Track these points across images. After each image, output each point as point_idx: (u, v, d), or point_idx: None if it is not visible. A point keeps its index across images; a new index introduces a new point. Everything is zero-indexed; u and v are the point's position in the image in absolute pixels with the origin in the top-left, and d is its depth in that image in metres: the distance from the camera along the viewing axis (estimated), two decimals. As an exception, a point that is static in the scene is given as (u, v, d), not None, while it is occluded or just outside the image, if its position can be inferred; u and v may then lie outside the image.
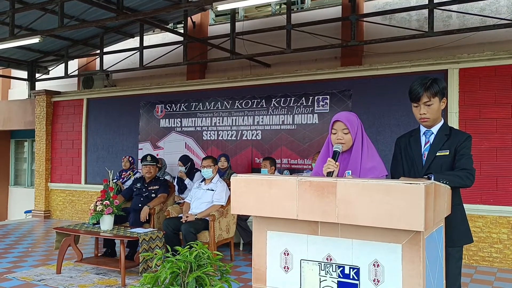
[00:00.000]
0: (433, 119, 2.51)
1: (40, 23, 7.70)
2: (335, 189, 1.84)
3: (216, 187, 5.54)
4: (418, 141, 2.60)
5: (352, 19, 6.59)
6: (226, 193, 5.53)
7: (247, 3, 5.34)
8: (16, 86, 12.18)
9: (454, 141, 2.48)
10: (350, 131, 2.40)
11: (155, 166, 6.11)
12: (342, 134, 2.42)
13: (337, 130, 2.43)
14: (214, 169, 5.61)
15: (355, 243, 1.88)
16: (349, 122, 2.43)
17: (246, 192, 2.05)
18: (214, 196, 5.49)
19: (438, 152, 2.50)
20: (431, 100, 2.45)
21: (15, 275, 4.91)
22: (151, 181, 6.04)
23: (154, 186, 6.00)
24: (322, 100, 6.82)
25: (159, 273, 2.18)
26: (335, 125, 2.45)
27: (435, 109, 2.47)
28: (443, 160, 2.48)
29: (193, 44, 8.46)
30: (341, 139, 2.41)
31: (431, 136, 2.56)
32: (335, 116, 2.50)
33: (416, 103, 2.50)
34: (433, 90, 2.44)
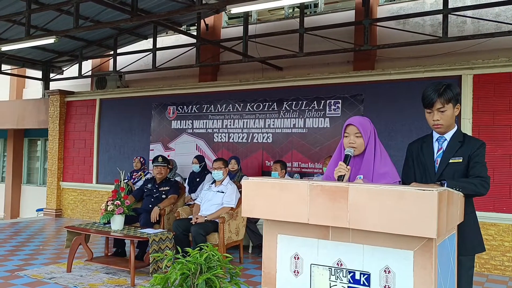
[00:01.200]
0: (447, 126, 2.48)
1: (55, 23, 7.79)
2: (347, 194, 1.83)
3: (226, 189, 5.55)
4: (430, 147, 2.57)
5: (366, 23, 6.57)
6: (236, 195, 5.53)
7: (260, 6, 5.35)
8: (30, 86, 12.33)
9: (468, 148, 2.44)
10: (362, 135, 2.39)
11: (166, 167, 6.11)
12: (354, 138, 2.41)
13: (350, 133, 2.43)
14: (224, 171, 5.62)
15: (366, 248, 1.87)
16: (361, 126, 2.42)
17: (258, 195, 2.06)
18: (224, 198, 5.50)
19: (451, 159, 2.46)
20: (444, 107, 2.41)
21: (26, 272, 4.96)
22: (162, 182, 6.04)
23: (165, 187, 6.00)
24: (334, 104, 6.81)
25: (169, 274, 2.19)
26: (347, 128, 2.44)
27: (448, 115, 2.44)
28: (456, 167, 2.44)
29: (206, 46, 8.50)
30: (353, 143, 2.39)
31: (444, 142, 2.52)
32: (348, 120, 2.49)
33: (429, 109, 2.46)
34: (447, 96, 2.40)
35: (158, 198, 5.92)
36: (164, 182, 6.07)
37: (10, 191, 12.03)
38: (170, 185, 6.08)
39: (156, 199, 5.92)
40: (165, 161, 6.11)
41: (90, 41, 9.28)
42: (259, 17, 9.16)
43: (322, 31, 7.22)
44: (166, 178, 6.13)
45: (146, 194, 6.05)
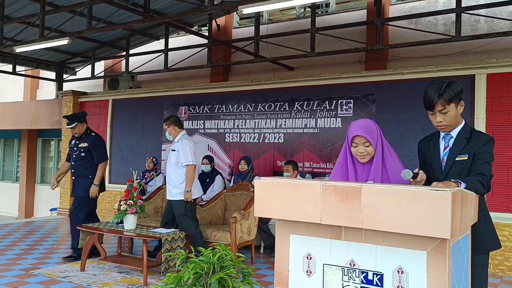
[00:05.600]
0: (451, 125, 2.42)
1: (69, 25, 7.88)
2: (360, 194, 1.83)
3: (179, 147, 5.32)
4: (437, 145, 2.52)
5: (378, 23, 6.54)
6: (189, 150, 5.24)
7: (272, 6, 5.35)
8: (44, 87, 12.48)
9: (474, 145, 2.38)
10: (371, 143, 2.34)
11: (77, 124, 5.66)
12: (363, 148, 2.34)
13: (358, 144, 2.35)
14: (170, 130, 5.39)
15: (379, 249, 1.87)
16: (369, 134, 2.34)
17: (270, 195, 2.06)
18: (180, 158, 5.26)
19: (457, 157, 2.41)
20: (446, 108, 2.35)
21: (41, 271, 5.02)
22: (81, 137, 5.72)
23: (83, 144, 5.66)
24: (345, 104, 6.78)
25: (182, 273, 2.21)
26: (355, 139, 2.36)
27: (451, 115, 2.38)
28: (462, 165, 2.39)
29: (217, 47, 8.53)
30: (363, 152, 2.34)
31: (451, 140, 2.47)
32: (353, 128, 2.39)
33: (431, 111, 2.41)
34: (448, 97, 2.33)
35: (77, 157, 5.67)
36: (84, 137, 5.72)
37: (24, 191, 12.20)
38: (89, 141, 5.67)
39: (75, 158, 5.69)
40: (72, 121, 5.67)
41: (103, 42, 9.37)
42: (270, 17, 9.17)
43: (333, 31, 7.20)
44: (85, 133, 5.75)
45: (70, 154, 5.82)
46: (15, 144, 12.95)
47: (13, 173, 13.01)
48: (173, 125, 5.41)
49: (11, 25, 7.88)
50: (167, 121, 5.48)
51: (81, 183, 5.65)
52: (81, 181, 5.66)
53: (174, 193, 5.26)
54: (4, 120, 11.24)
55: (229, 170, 7.84)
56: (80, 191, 5.66)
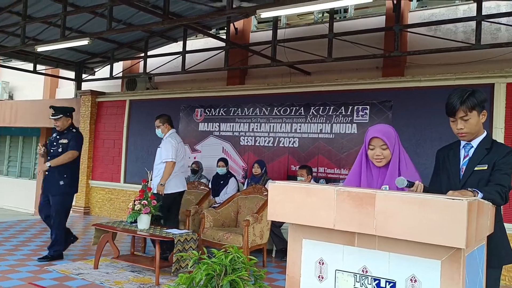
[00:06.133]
0: (472, 133, 2.40)
1: (89, 25, 8.00)
2: (374, 200, 1.82)
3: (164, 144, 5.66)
4: (457, 154, 2.51)
5: (396, 29, 6.50)
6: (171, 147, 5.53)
7: (290, 11, 5.36)
8: (63, 86, 12.67)
9: (495, 155, 2.36)
10: (388, 146, 2.35)
11: (63, 117, 5.53)
12: (380, 151, 2.36)
13: (375, 146, 2.37)
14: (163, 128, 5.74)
15: (392, 256, 1.86)
16: (386, 137, 2.37)
17: (284, 199, 2.07)
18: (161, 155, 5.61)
19: (476, 166, 2.39)
20: (467, 115, 2.34)
21: (55, 267, 5.09)
22: (63, 132, 5.56)
23: (64, 140, 5.51)
24: (361, 110, 6.75)
25: (194, 274, 2.23)
26: (372, 141, 2.38)
27: (473, 123, 2.37)
28: (481, 175, 2.37)
29: (235, 50, 8.57)
30: (380, 155, 2.35)
31: (471, 149, 2.45)
32: (371, 131, 2.43)
33: (453, 117, 2.40)
34: (470, 104, 2.33)
35: (54, 152, 5.49)
36: (65, 133, 5.56)
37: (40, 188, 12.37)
38: (69, 137, 5.51)
39: (53, 153, 5.50)
40: (58, 112, 5.51)
41: (122, 43, 9.48)
42: (288, 21, 9.18)
43: (351, 37, 7.18)
44: (68, 129, 5.59)
45: (48, 148, 5.61)
46: (33, 142, 13.15)
47: (31, 170, 13.21)
48: (166, 123, 5.76)
49: (33, 24, 8.03)
50: (161, 118, 5.77)
51: (55, 180, 5.41)
52: (54, 178, 5.41)
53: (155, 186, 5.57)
54: (24, 118, 11.43)
55: (243, 173, 7.86)
56: (55, 189, 5.41)
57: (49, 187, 5.46)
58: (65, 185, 5.46)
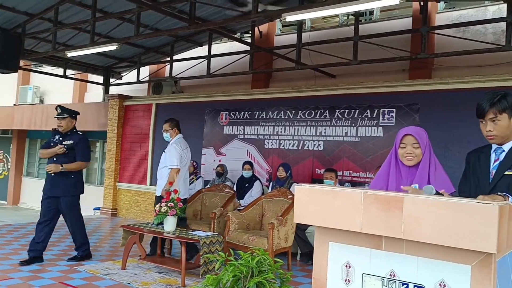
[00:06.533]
0: (502, 137, 2.36)
1: (117, 31, 8.17)
2: (402, 204, 1.81)
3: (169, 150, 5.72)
4: (487, 158, 2.47)
5: (423, 31, 6.42)
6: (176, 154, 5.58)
7: (316, 14, 5.37)
8: (92, 90, 12.96)
9: None
10: (420, 145, 2.36)
11: (68, 118, 5.48)
12: (412, 149, 2.37)
13: (407, 144, 2.38)
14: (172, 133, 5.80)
15: (420, 260, 1.84)
16: (419, 136, 2.38)
17: (310, 202, 2.07)
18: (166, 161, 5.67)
19: (506, 171, 2.36)
20: (497, 117, 2.31)
21: (84, 267, 5.21)
22: (67, 134, 5.50)
23: (69, 141, 5.42)
24: (387, 113, 6.68)
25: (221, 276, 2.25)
26: (404, 139, 2.40)
27: (503, 126, 2.32)
28: (510, 179, 2.31)
29: (259, 54, 8.61)
30: (411, 153, 2.36)
31: (502, 153, 2.40)
32: (403, 130, 2.45)
33: (482, 119, 2.37)
34: (501, 106, 2.29)
35: (59, 154, 5.38)
36: (69, 134, 5.48)
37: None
38: (75, 140, 5.43)
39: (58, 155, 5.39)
40: (64, 112, 5.43)
41: (148, 48, 9.65)
42: (313, 24, 9.17)
43: (377, 39, 7.12)
44: (71, 131, 5.53)
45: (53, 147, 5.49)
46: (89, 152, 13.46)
47: (60, 172, 13.54)
48: (175, 128, 5.83)
49: (64, 30, 8.25)
50: (170, 123, 5.84)
51: (64, 181, 5.37)
52: (63, 180, 5.37)
53: (158, 190, 5.76)
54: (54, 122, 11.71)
55: (267, 176, 7.88)
56: (65, 191, 5.40)
57: (56, 190, 5.37)
58: (73, 185, 5.47)
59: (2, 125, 13.65)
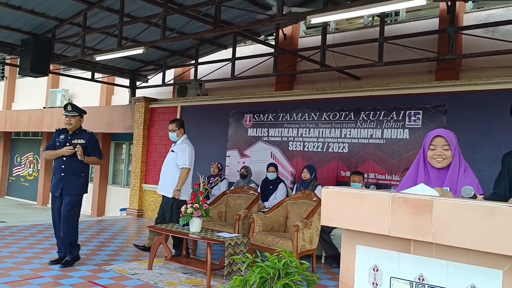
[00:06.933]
0: None
1: (144, 35, 8.31)
2: (431, 207, 1.79)
3: (178, 150, 5.82)
4: None
5: (451, 31, 6.32)
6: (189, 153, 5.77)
7: (341, 16, 5.34)
8: (118, 93, 13.20)
9: None
10: (450, 147, 2.34)
11: (78, 117, 5.35)
12: (442, 150, 2.35)
13: (436, 146, 2.37)
14: (179, 133, 5.90)
15: (450, 265, 1.82)
16: (449, 138, 2.38)
17: (338, 204, 2.07)
18: (177, 160, 5.79)
19: None
20: None
21: (112, 267, 5.31)
22: (75, 133, 5.33)
23: (79, 139, 5.26)
24: (414, 115, 6.60)
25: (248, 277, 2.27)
26: (434, 140, 2.39)
27: None
28: None
29: (283, 56, 8.61)
30: (441, 155, 2.34)
31: None
32: (433, 132, 2.44)
33: None
34: None
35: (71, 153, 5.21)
36: (78, 133, 5.34)
37: (97, 191, 12.94)
38: (86, 138, 5.29)
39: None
40: (75, 110, 5.30)
41: (174, 51, 9.77)
42: (337, 26, 9.13)
43: (402, 40, 7.04)
44: (79, 129, 5.39)
45: (59, 148, 5.31)
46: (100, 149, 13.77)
47: (88, 173, 13.83)
48: (182, 128, 5.94)
49: (92, 35, 8.44)
50: (177, 123, 5.94)
51: (73, 181, 5.23)
52: (73, 179, 5.23)
53: (166, 190, 5.87)
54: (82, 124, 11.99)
55: (291, 178, 7.87)
56: (74, 190, 5.22)
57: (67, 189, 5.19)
58: (82, 184, 5.32)
59: (33, 128, 14.04)
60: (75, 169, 5.23)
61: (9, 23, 8.09)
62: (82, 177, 5.31)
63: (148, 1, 6.40)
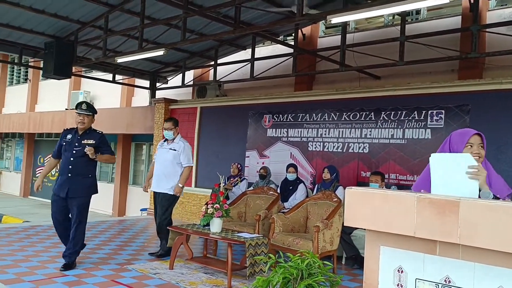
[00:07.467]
0: None
1: (164, 37, 8.39)
2: (458, 208, 1.77)
3: (180, 147, 5.91)
4: None
5: (474, 29, 6.21)
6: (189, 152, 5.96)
7: (361, 15, 5.30)
8: (138, 94, 13.35)
9: None
10: (484, 146, 2.33)
11: (91, 116, 5.21)
12: (479, 149, 2.33)
13: (474, 144, 2.34)
14: (175, 131, 5.99)
15: (477, 266, 1.79)
16: (484, 138, 2.37)
17: (361, 204, 2.06)
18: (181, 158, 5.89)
19: None
20: None
21: (134, 266, 5.37)
22: (85, 133, 5.19)
23: (89, 139, 5.13)
24: (436, 115, 6.50)
25: (271, 277, 2.27)
26: (472, 139, 2.36)
27: None
28: None
29: (302, 56, 8.59)
30: (478, 153, 2.31)
31: None
32: (470, 130, 2.42)
33: None
34: None
35: (78, 153, 5.08)
36: (88, 133, 5.20)
37: (118, 191, 13.11)
38: (96, 138, 5.18)
39: (76, 155, 5.08)
40: (89, 109, 5.19)
41: (193, 52, 9.84)
42: (356, 25, 9.06)
43: (424, 39, 6.95)
44: (89, 129, 5.25)
45: (65, 149, 5.15)
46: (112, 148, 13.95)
47: (109, 174, 14.03)
48: (177, 127, 6.07)
49: (113, 37, 8.56)
50: (173, 121, 6.06)
51: (81, 182, 5.09)
52: (79, 180, 5.08)
53: (166, 187, 5.89)
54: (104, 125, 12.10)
55: (311, 179, 7.84)
56: (81, 192, 5.10)
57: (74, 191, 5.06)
58: (89, 186, 5.20)
59: (55, 129, 14.30)
60: (82, 170, 5.10)
61: (33, 27, 8.27)
62: (89, 178, 5.17)
63: (168, 3, 6.46)
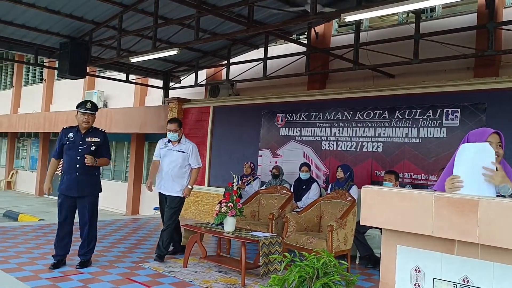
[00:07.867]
0: None
1: (177, 36, 8.42)
2: (477, 207, 1.75)
3: (187, 149, 5.85)
4: None
5: (490, 27, 6.13)
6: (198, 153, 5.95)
7: (375, 13, 5.26)
8: (152, 94, 13.42)
9: None
10: (503, 145, 2.30)
11: (94, 116, 5.20)
12: (498, 147, 2.31)
13: (492, 142, 2.31)
14: (180, 133, 5.87)
15: (496, 266, 1.77)
16: (503, 137, 2.35)
17: (378, 204, 2.04)
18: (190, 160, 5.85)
19: None
20: None
21: (148, 265, 5.41)
22: (88, 131, 5.15)
23: (94, 138, 5.13)
24: (451, 113, 6.43)
25: (287, 276, 2.27)
26: (491, 137, 2.34)
27: None
28: None
29: (315, 55, 8.56)
30: (497, 152, 2.29)
31: None
32: (489, 129, 2.40)
33: None
34: None
35: (84, 152, 5.04)
36: (92, 132, 5.18)
37: (131, 190, 13.20)
38: (100, 137, 5.19)
39: (81, 153, 5.04)
40: (93, 108, 5.17)
41: (206, 52, 9.87)
42: (370, 24, 8.99)
43: (439, 37, 6.87)
44: (92, 128, 5.22)
45: (69, 148, 5.08)
46: (125, 147, 14.07)
47: (123, 173, 14.14)
48: (181, 128, 5.99)
49: (127, 37, 8.62)
50: (178, 123, 5.96)
51: (89, 180, 5.13)
52: (88, 179, 5.11)
53: (175, 190, 5.82)
54: (117, 124, 12.28)
55: (324, 178, 7.81)
56: (93, 190, 5.18)
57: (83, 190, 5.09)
58: (97, 183, 5.27)
59: (70, 128, 14.43)
60: (89, 168, 5.08)
61: (48, 27, 8.36)
62: (96, 176, 5.22)
63: (182, 3, 6.49)
